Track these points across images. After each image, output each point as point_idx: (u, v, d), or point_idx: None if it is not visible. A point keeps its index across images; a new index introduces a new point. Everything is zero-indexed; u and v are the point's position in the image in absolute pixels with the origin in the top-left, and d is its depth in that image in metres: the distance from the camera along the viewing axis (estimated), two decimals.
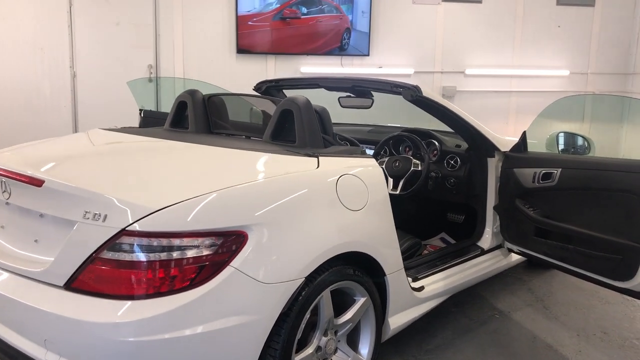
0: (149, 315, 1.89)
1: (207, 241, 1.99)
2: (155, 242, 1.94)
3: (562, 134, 3.43)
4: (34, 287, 2.12)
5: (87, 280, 2.00)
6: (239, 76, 7.67)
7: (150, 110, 4.64)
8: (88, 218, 1.99)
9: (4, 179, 2.27)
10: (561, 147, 3.47)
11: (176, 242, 1.95)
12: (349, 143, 3.50)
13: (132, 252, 1.94)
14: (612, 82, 8.97)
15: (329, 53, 8.14)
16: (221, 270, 2.00)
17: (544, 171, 3.15)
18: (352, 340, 2.66)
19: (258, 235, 2.07)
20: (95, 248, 1.97)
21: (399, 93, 3.26)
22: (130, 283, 1.93)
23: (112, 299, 1.95)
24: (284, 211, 2.21)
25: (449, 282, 3.23)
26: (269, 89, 4.01)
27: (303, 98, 2.79)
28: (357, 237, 2.49)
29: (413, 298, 2.94)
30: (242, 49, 7.77)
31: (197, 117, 3.23)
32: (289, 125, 2.79)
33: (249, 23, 7.74)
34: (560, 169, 3.04)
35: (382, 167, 3.09)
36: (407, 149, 3.92)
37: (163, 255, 1.94)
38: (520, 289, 3.94)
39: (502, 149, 3.51)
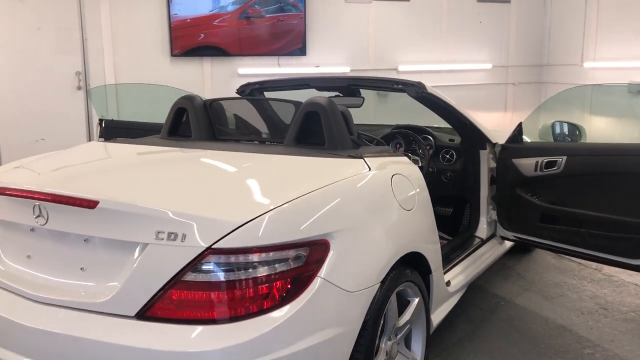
0: (249, 338, 1.73)
1: (295, 253, 1.85)
2: (243, 258, 1.77)
3: (557, 123, 3.60)
4: (95, 320, 1.85)
5: (166, 307, 1.78)
6: (174, 80, 7.33)
7: (112, 120, 4.31)
8: (162, 239, 1.78)
9: (38, 202, 1.97)
10: (555, 135, 3.63)
11: (265, 256, 1.80)
12: (370, 142, 3.43)
13: (221, 271, 1.76)
14: (529, 74, 9.56)
15: (290, 54, 8.04)
16: (310, 282, 1.87)
17: (546, 160, 3.27)
18: (406, 342, 2.62)
19: (339, 243, 1.96)
20: (176, 271, 1.77)
21: (402, 90, 3.25)
22: (220, 305, 1.75)
23: (198, 324, 1.76)
24: (358, 216, 2.11)
25: (467, 274, 3.27)
26: (253, 91, 3.86)
27: (326, 99, 2.70)
28: (414, 237, 2.45)
29: (446, 293, 2.94)
30: (177, 53, 7.46)
31: (199, 123, 3.03)
32: (314, 128, 2.69)
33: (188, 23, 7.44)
34: (566, 157, 3.17)
35: None
36: (398, 145, 3.93)
37: (253, 273, 1.78)
38: (511, 275, 4.08)
39: (493, 141, 3.61)
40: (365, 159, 2.45)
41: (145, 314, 1.81)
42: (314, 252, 1.89)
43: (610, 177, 2.99)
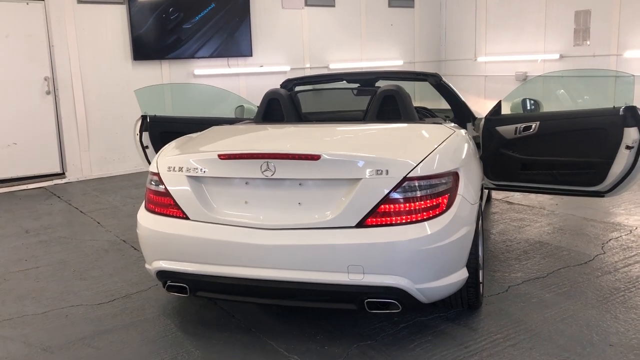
0: (435, 230, 2.75)
1: (447, 179, 2.89)
2: (425, 182, 2.78)
3: (526, 99, 4.90)
4: (324, 232, 2.74)
5: (378, 217, 2.74)
6: (136, 82, 7.84)
7: (155, 115, 4.94)
8: (372, 175, 2.74)
9: (269, 160, 2.80)
10: (524, 108, 4.95)
11: (436, 180, 2.82)
12: (426, 114, 4.46)
13: (413, 190, 2.76)
14: (431, 68, 11.18)
15: (238, 56, 8.78)
16: (455, 197, 2.93)
17: (524, 125, 4.57)
18: None
19: (463, 173, 3.02)
20: (385, 193, 2.73)
21: (425, 80, 4.40)
22: (415, 212, 2.73)
23: (400, 225, 2.74)
24: (467, 157, 3.20)
25: None
26: (293, 86, 4.76)
27: (398, 85, 3.76)
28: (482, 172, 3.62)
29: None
30: (139, 56, 7.96)
31: (289, 109, 3.92)
32: (388, 107, 3.73)
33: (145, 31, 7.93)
34: (539, 122, 4.49)
35: None
36: None
37: (431, 190, 2.79)
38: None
39: (477, 116, 4.87)
40: (444, 124, 3.56)
41: (364, 223, 2.75)
42: (454, 178, 2.94)
43: (571, 133, 4.35)
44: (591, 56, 8.73)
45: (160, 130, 4.73)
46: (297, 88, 4.64)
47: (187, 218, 2.97)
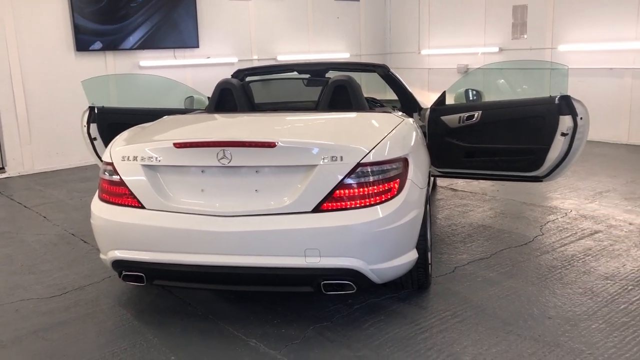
0: (387, 213, 2.87)
1: (397, 164, 3.00)
2: (377, 167, 2.89)
3: (468, 90, 5.09)
4: (281, 218, 2.81)
5: (333, 202, 2.83)
6: (80, 74, 7.65)
7: (103, 107, 4.86)
8: (327, 161, 2.83)
9: (226, 148, 2.84)
10: (467, 98, 5.14)
11: (387, 166, 2.93)
12: (375, 104, 4.56)
13: (367, 176, 2.86)
14: (378, 61, 11.35)
15: (185, 47, 8.68)
16: (405, 181, 3.05)
17: (467, 114, 4.77)
18: None
19: (412, 159, 3.15)
20: (340, 179, 2.82)
21: (374, 71, 4.53)
22: (367, 196, 2.84)
23: (357, 209, 2.84)
24: (416, 144, 3.34)
25: None
26: (245, 76, 4.79)
27: (349, 76, 3.86)
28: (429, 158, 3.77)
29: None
30: (82, 47, 7.76)
31: (242, 99, 3.96)
32: (341, 97, 3.83)
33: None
34: (481, 111, 4.69)
35: None
36: None
37: (383, 175, 2.90)
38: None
39: (423, 107, 5.04)
40: (393, 113, 3.69)
41: (320, 208, 2.83)
42: (404, 164, 3.07)
43: (511, 121, 4.58)
44: (528, 49, 9.12)
45: (109, 122, 4.67)
46: (249, 78, 4.67)
47: (142, 207, 2.98)
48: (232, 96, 3.95)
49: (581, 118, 3.95)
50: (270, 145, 2.82)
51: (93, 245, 4.43)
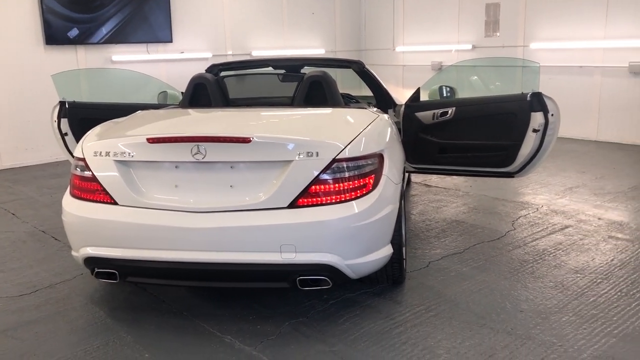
0: (362, 208, 2.87)
1: (372, 160, 3.01)
2: (353, 163, 2.90)
3: (442, 87, 5.12)
4: (257, 213, 2.80)
5: (309, 197, 2.83)
6: (49, 68, 7.50)
7: (74, 101, 4.78)
8: (303, 156, 2.82)
9: (200, 143, 2.81)
10: (441, 94, 5.17)
11: (363, 162, 2.94)
12: (350, 100, 4.56)
13: (343, 171, 2.86)
14: (352, 57, 11.39)
15: (158, 41, 8.56)
16: (381, 177, 3.06)
17: (441, 111, 4.81)
18: None
19: (387, 155, 3.16)
20: (315, 175, 2.81)
21: (349, 67, 4.53)
22: (343, 192, 2.84)
23: (333, 204, 2.84)
24: (391, 140, 3.35)
25: None
26: (219, 71, 4.75)
27: (325, 72, 3.86)
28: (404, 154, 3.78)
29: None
30: (52, 41, 7.61)
31: (217, 94, 3.93)
32: (316, 93, 3.82)
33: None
34: (455, 108, 4.74)
35: None
36: None
37: (359, 171, 2.91)
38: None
39: (398, 103, 5.06)
40: (369, 108, 3.69)
41: (296, 203, 2.83)
42: (379, 160, 3.08)
43: (484, 118, 4.63)
44: (501, 47, 9.24)
45: (80, 117, 4.59)
46: (223, 73, 4.64)
47: (115, 203, 2.94)
48: (207, 91, 3.91)
49: (552, 115, 4.01)
50: (246, 140, 2.80)
51: (64, 242, 4.36)
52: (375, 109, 3.96)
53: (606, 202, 5.22)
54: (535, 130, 4.04)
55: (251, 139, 2.80)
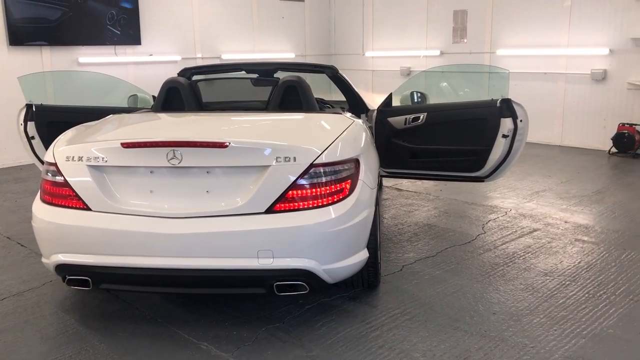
0: (339, 213, 2.89)
1: (349, 165, 3.02)
2: (330, 168, 2.90)
3: (413, 92, 5.18)
4: (234, 219, 2.78)
5: (286, 203, 2.82)
6: (13, 70, 7.33)
7: (41, 104, 4.68)
8: (280, 161, 2.82)
9: (176, 148, 2.77)
10: (413, 100, 5.23)
11: (340, 167, 2.95)
12: (324, 105, 4.56)
13: (320, 177, 2.86)
14: (322, 61, 11.45)
15: (126, 44, 8.42)
16: (357, 182, 3.08)
17: (413, 116, 4.87)
18: None
19: (363, 160, 3.18)
20: (293, 180, 2.81)
21: (322, 72, 4.55)
22: (321, 197, 2.84)
23: (308, 209, 2.84)
24: (366, 145, 3.37)
25: None
26: (191, 75, 4.71)
27: (299, 77, 3.86)
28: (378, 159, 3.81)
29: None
30: (15, 41, 7.42)
31: (190, 98, 3.89)
32: (291, 97, 3.82)
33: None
34: (426, 113, 4.80)
35: None
36: None
37: (336, 176, 2.91)
38: None
39: (370, 108, 5.11)
40: (345, 113, 3.72)
41: (273, 208, 2.82)
42: (356, 165, 3.10)
43: (455, 123, 4.71)
44: (468, 53, 9.40)
45: (48, 120, 4.50)
46: (196, 77, 4.60)
47: (88, 209, 2.89)
48: (180, 95, 3.88)
49: (521, 120, 4.11)
50: (222, 145, 2.78)
51: (31, 248, 4.25)
52: (349, 114, 3.99)
53: (572, 205, 5.37)
54: (504, 136, 4.13)
55: (228, 144, 2.79)
